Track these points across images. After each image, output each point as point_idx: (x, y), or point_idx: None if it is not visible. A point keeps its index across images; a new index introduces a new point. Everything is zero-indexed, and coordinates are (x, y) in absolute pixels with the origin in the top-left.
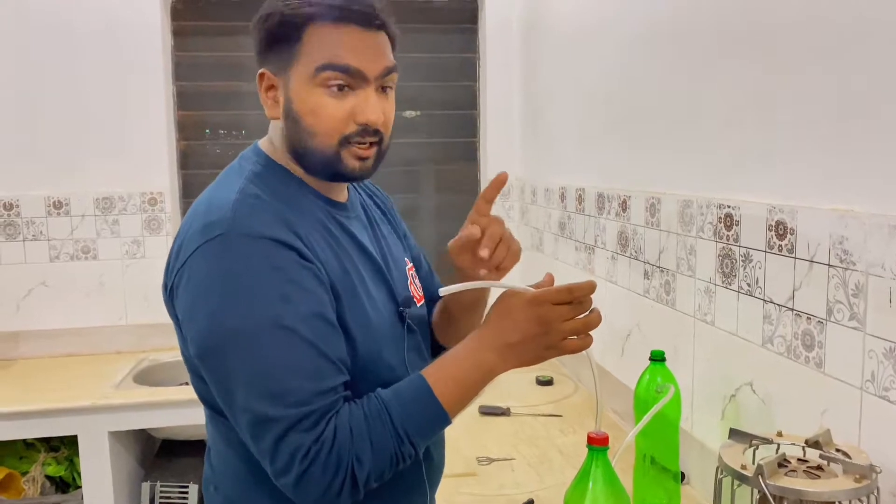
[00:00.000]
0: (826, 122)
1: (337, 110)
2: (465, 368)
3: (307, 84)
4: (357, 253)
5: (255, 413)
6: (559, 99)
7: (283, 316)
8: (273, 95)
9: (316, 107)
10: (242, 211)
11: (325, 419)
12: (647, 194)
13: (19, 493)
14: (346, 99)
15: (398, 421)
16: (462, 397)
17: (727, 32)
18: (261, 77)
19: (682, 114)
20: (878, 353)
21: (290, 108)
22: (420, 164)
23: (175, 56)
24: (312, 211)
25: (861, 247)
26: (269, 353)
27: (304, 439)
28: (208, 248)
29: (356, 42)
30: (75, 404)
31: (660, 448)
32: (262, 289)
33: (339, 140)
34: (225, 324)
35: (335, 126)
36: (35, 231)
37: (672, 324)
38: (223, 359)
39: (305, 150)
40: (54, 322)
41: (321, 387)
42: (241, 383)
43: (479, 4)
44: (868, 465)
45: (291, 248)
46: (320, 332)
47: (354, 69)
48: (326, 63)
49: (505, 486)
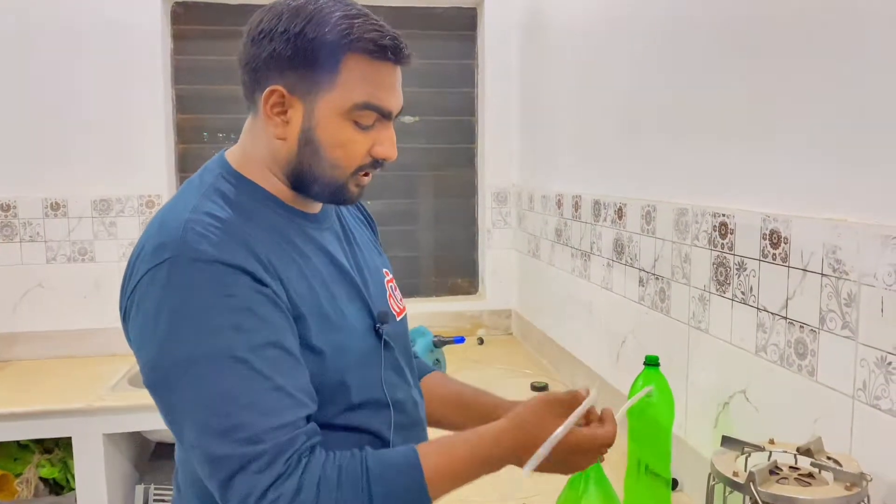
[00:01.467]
0: (821, 132)
1: (363, 146)
2: (470, 465)
3: (339, 116)
4: (328, 267)
5: (204, 450)
6: (557, 106)
7: (235, 346)
8: (282, 114)
9: (346, 141)
10: (194, 232)
11: (284, 460)
12: (643, 202)
13: (13, 495)
14: (369, 134)
15: (378, 500)
16: (453, 488)
17: (722, 42)
18: (271, 93)
19: (677, 123)
20: (869, 362)
21: (310, 135)
22: (418, 169)
23: (174, 60)
24: (278, 226)
25: (854, 256)
26: (218, 386)
27: (258, 482)
28: (157, 273)
29: (391, 80)
30: (70, 406)
31: (652, 455)
32: (212, 318)
33: (352, 172)
34: (172, 355)
35: (357, 160)
36: (32, 232)
37: (666, 331)
38: (171, 391)
39: (316, 177)
40: (50, 324)
41: (275, 422)
42: (190, 418)
43: (478, 11)
44: (859, 473)
45: (245, 272)
46: (276, 362)
47: (387, 111)
48: (367, 103)
49: (498, 489)
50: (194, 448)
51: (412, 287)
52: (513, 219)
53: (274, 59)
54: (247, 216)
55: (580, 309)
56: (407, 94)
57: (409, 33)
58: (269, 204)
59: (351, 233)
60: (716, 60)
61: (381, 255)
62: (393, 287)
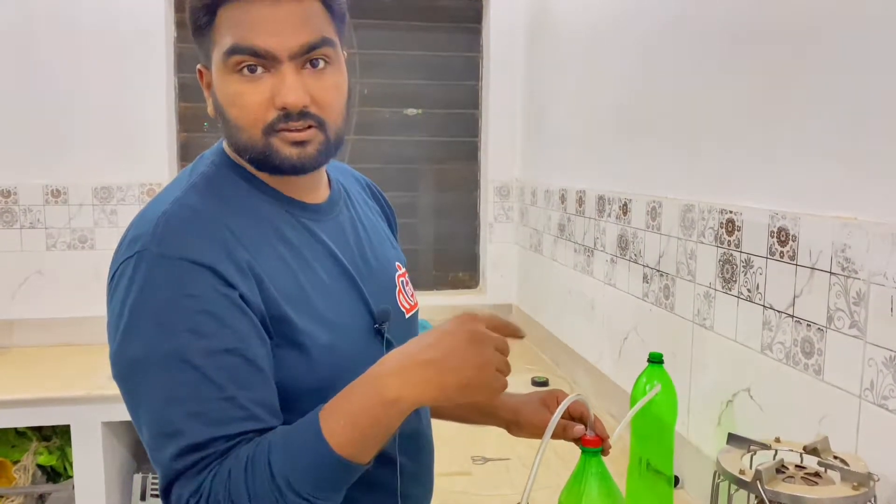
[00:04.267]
0: (831, 128)
1: (254, 97)
2: (362, 401)
3: (222, 72)
4: (323, 261)
5: (151, 452)
6: (562, 100)
7: (189, 350)
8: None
9: (234, 96)
10: (167, 226)
11: (209, 468)
12: (649, 198)
13: (10, 482)
14: (261, 83)
15: (278, 469)
16: (364, 436)
17: (731, 37)
18: (199, 74)
19: (685, 118)
20: (877, 362)
21: (216, 101)
22: (420, 162)
23: (177, 48)
24: (268, 216)
25: (863, 255)
26: (167, 390)
27: (186, 489)
28: (127, 266)
29: (266, 16)
30: (69, 394)
31: (655, 452)
32: (170, 318)
33: (262, 130)
34: (129, 352)
35: (256, 114)
36: (32, 219)
37: (670, 328)
38: (128, 388)
39: (239, 146)
40: (50, 311)
41: (218, 433)
42: (143, 417)
43: (483, 4)
44: (866, 473)
45: (212, 271)
46: (232, 371)
47: (262, 49)
48: (233, 45)
49: (499, 486)
50: (147, 447)
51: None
52: (515, 213)
53: (193, 38)
54: (231, 207)
55: (582, 305)
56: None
57: (413, 26)
58: (260, 193)
59: (361, 224)
60: (725, 54)
61: (396, 249)
62: (405, 282)
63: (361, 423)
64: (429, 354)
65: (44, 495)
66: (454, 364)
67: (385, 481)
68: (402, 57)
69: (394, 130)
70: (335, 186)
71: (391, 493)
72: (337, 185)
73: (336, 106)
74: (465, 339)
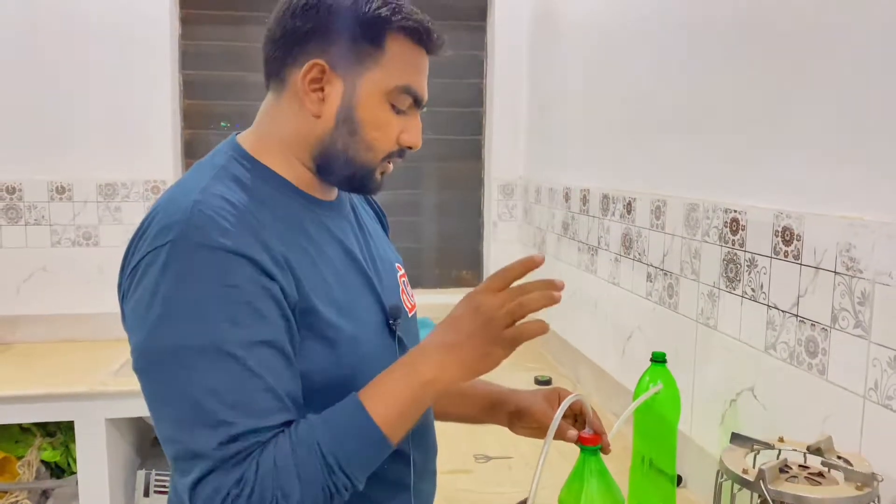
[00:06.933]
0: (837, 128)
1: (394, 130)
2: (401, 384)
3: (381, 96)
4: (341, 257)
5: (183, 444)
6: (566, 99)
7: (229, 340)
8: (319, 91)
9: (384, 123)
10: (202, 215)
11: (251, 457)
12: (653, 196)
13: (14, 478)
14: (401, 120)
15: (327, 449)
16: (402, 416)
17: (737, 36)
18: (311, 67)
19: (690, 116)
20: (882, 362)
21: (350, 113)
22: (424, 160)
23: (182, 44)
24: (293, 213)
25: (868, 255)
26: (205, 380)
27: (226, 480)
28: (158, 255)
29: (425, 70)
30: (73, 390)
31: (657, 451)
32: (209, 307)
33: (382, 157)
34: (162, 341)
35: (388, 145)
36: (37, 216)
37: (674, 327)
38: (156, 380)
39: (348, 159)
40: (54, 307)
41: (260, 424)
42: (171, 409)
43: (489, 2)
44: (870, 473)
45: (252, 262)
46: (270, 362)
47: (423, 100)
48: (409, 86)
49: (501, 484)
50: (171, 442)
51: (415, 278)
52: (519, 211)
53: (318, 32)
54: (260, 202)
55: (586, 303)
56: None
57: None
58: (284, 190)
59: (364, 224)
60: (730, 54)
61: (394, 250)
62: (405, 282)
63: (402, 403)
64: (449, 338)
65: (48, 491)
66: (473, 349)
67: (399, 476)
68: None
69: None
70: None
71: (405, 489)
72: None
73: None
74: (469, 316)
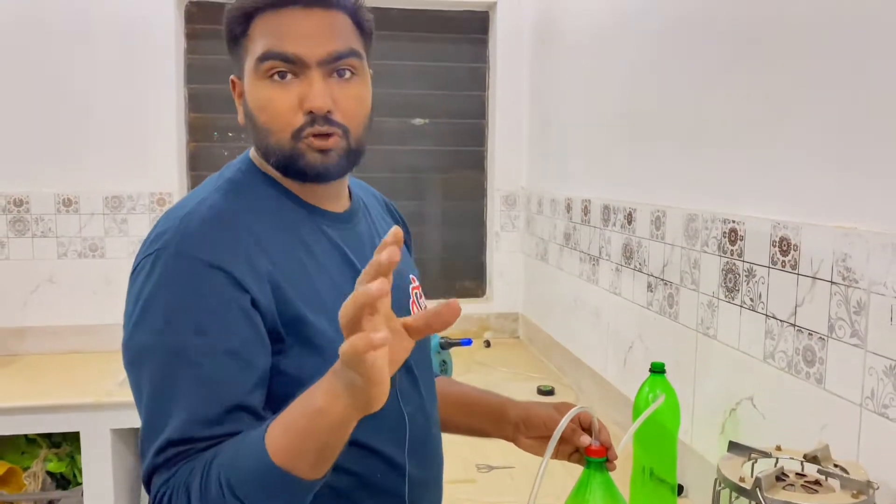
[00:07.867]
0: (833, 139)
1: (283, 101)
2: (297, 411)
3: (253, 78)
4: (340, 267)
5: (141, 440)
6: (568, 110)
7: (190, 348)
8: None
9: (264, 101)
10: (189, 226)
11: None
12: (653, 207)
13: (20, 488)
14: (290, 88)
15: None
16: (295, 445)
17: (733, 48)
18: (232, 84)
19: (689, 128)
20: (878, 371)
21: (247, 109)
22: (427, 171)
23: (188, 58)
24: (289, 221)
25: (864, 265)
26: (163, 383)
27: (159, 480)
28: (147, 262)
29: (297, 25)
30: (78, 401)
31: (658, 460)
32: (178, 315)
33: (291, 134)
34: (136, 341)
35: (285, 119)
36: (44, 228)
37: (674, 337)
38: (132, 376)
39: (268, 151)
40: (60, 319)
41: (203, 433)
42: (141, 405)
43: (490, 15)
44: (866, 481)
45: (226, 273)
46: (228, 372)
47: (293, 55)
48: (265, 52)
49: (503, 493)
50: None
51: None
52: (521, 222)
53: (229, 50)
54: (255, 211)
55: (588, 313)
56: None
57: (420, 36)
58: (286, 201)
59: (378, 235)
60: (727, 66)
61: (410, 262)
62: (419, 294)
63: (294, 431)
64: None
65: (53, 502)
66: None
67: (392, 487)
68: (410, 67)
69: (401, 140)
70: (355, 199)
71: (399, 500)
72: (357, 198)
73: (359, 115)
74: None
